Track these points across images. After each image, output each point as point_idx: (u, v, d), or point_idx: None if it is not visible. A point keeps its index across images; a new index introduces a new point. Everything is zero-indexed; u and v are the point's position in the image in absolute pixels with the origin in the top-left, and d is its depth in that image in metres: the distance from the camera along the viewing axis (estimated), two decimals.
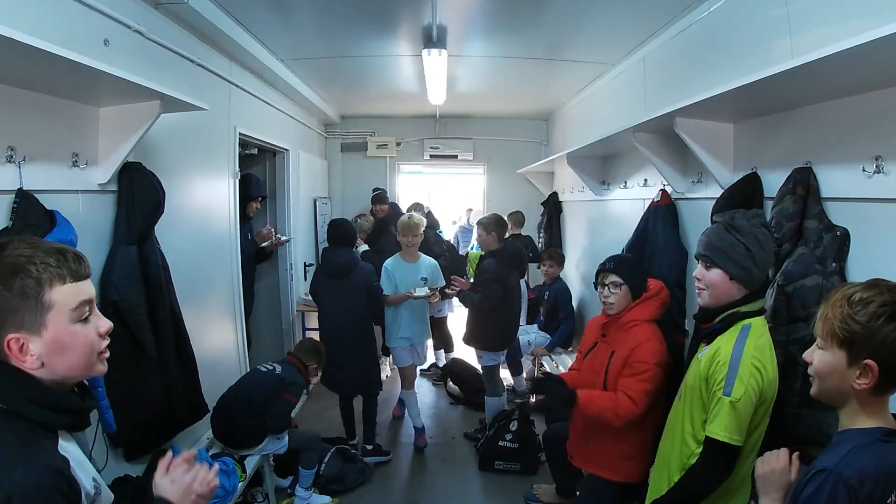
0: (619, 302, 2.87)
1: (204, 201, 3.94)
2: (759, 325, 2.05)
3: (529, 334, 5.84)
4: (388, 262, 4.73)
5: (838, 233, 2.20)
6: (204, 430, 3.76)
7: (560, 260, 5.90)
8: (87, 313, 1.27)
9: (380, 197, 6.92)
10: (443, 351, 6.79)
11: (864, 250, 2.14)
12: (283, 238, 5.58)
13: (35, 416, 1.19)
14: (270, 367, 3.79)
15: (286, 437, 3.79)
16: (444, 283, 4.78)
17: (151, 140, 2.99)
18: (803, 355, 1.50)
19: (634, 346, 2.77)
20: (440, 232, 7.14)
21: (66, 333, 1.23)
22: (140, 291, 2.77)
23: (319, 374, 4.10)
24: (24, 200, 2.16)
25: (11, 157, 2.13)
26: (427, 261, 4.85)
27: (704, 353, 2.12)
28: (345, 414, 4.87)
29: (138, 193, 2.77)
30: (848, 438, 1.36)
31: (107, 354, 1.33)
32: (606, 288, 2.90)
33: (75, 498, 1.17)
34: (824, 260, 2.22)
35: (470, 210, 11.54)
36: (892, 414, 1.40)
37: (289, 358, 3.99)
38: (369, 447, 4.69)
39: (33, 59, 1.85)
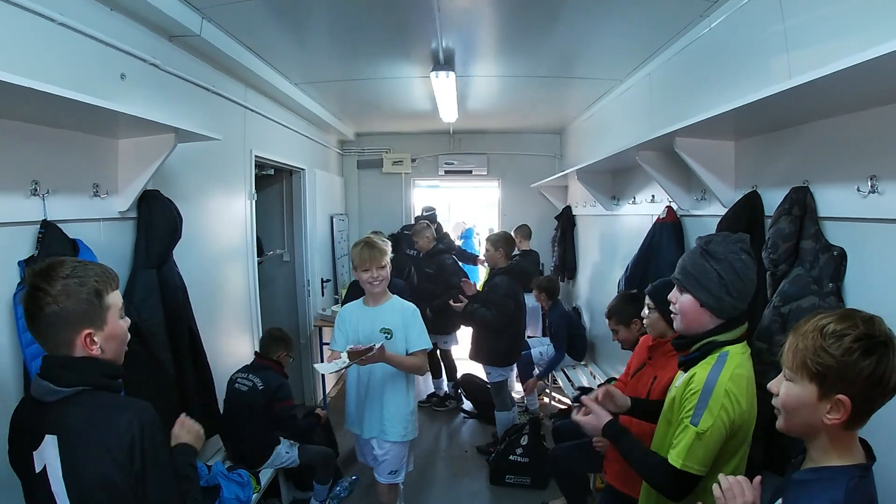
0: (652, 326, 2.78)
1: (221, 223, 4.06)
2: (737, 353, 1.95)
3: (543, 346, 5.86)
4: (347, 307, 3.43)
5: (835, 253, 2.19)
6: (220, 443, 3.88)
7: (550, 289, 5.79)
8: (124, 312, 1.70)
9: (433, 217, 7.03)
10: (443, 379, 6.46)
11: (861, 270, 2.13)
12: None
13: (111, 385, 1.64)
14: (248, 383, 3.74)
15: (295, 451, 3.86)
16: (426, 346, 3.23)
17: (169, 167, 3.11)
18: (768, 386, 1.44)
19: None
20: (470, 246, 6.91)
21: (116, 327, 1.65)
22: (159, 312, 2.88)
23: (291, 358, 4.13)
24: (49, 231, 2.28)
25: (36, 190, 2.25)
26: (397, 305, 3.29)
27: (681, 380, 2.05)
28: None
29: (156, 220, 2.89)
30: (830, 478, 1.31)
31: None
32: (646, 309, 2.85)
33: None
34: (821, 280, 2.21)
35: (464, 223, 11.73)
36: (860, 439, 1.37)
37: (259, 362, 3.90)
38: None
39: (53, 103, 1.96)
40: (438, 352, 6.11)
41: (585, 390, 2.90)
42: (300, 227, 6.02)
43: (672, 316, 2.11)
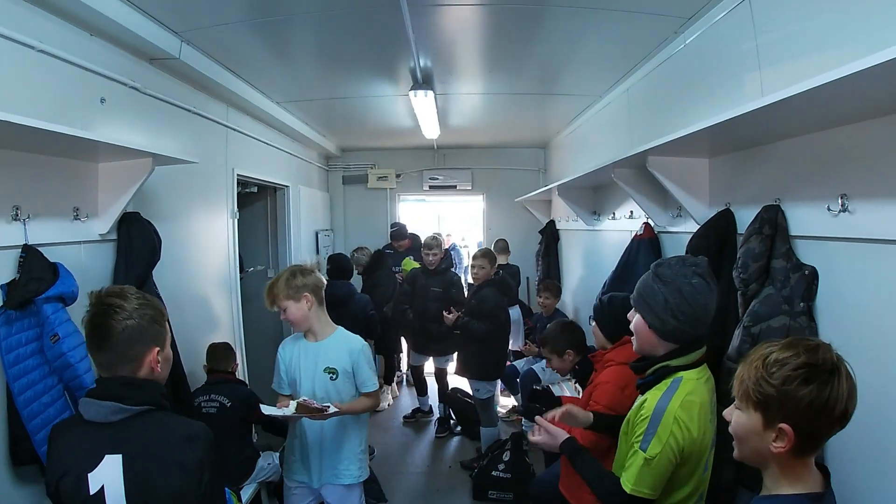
0: (596, 338, 2.88)
1: (203, 242, 4.07)
2: (691, 380, 1.93)
3: (541, 361, 5.75)
4: (286, 341, 3.05)
5: (806, 272, 2.18)
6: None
7: (556, 292, 5.84)
8: None
9: (398, 234, 7.11)
10: (428, 397, 6.36)
11: (833, 290, 2.11)
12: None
13: (167, 406, 1.70)
14: (215, 404, 3.61)
15: (276, 461, 3.83)
16: (368, 388, 2.92)
17: (150, 189, 3.13)
18: (723, 413, 1.45)
19: (597, 384, 2.70)
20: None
21: (170, 351, 1.79)
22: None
23: (237, 366, 4.07)
24: (30, 255, 2.28)
25: (17, 215, 2.26)
26: (343, 340, 2.95)
27: (636, 403, 2.04)
28: None
29: (136, 242, 2.90)
30: None
31: None
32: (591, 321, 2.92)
33: None
34: (792, 300, 2.18)
35: (449, 236, 11.80)
36: (819, 465, 1.37)
37: (216, 377, 3.76)
38: None
39: (31, 132, 1.98)
40: (434, 371, 6.04)
41: (539, 394, 2.91)
42: (284, 244, 6.02)
43: (633, 337, 2.12)
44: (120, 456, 1.56)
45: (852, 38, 1.93)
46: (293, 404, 2.65)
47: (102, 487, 1.55)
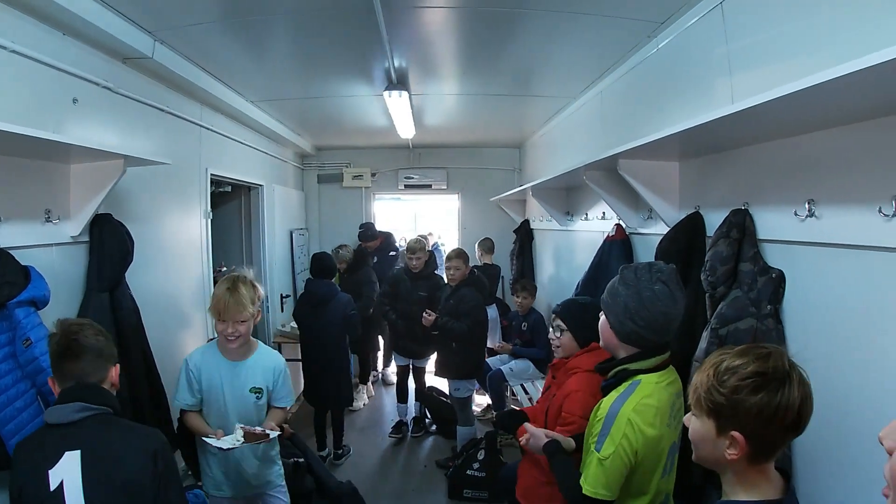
0: (565, 346, 2.72)
1: (177, 243, 4.04)
2: (649, 383, 1.96)
3: (511, 361, 5.78)
4: (194, 354, 2.85)
5: (773, 275, 2.22)
6: (178, 463, 3.82)
7: (533, 291, 5.89)
8: None
9: (365, 234, 7.03)
10: (408, 405, 6.19)
11: (800, 293, 2.15)
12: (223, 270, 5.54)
13: (120, 413, 1.90)
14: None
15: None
16: (286, 404, 2.96)
17: (123, 189, 3.11)
18: (683, 419, 1.48)
19: (567, 393, 2.56)
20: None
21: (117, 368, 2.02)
22: (112, 336, 2.84)
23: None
24: (1, 258, 2.26)
25: None
26: (266, 359, 2.89)
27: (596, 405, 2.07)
28: (318, 425, 5.28)
29: (108, 244, 2.88)
30: None
31: None
32: (553, 330, 2.78)
33: None
34: (759, 303, 2.23)
35: (430, 235, 11.83)
36: (779, 469, 1.38)
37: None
38: (339, 451, 5.18)
39: (2, 136, 1.97)
40: (412, 370, 5.99)
41: (503, 418, 2.91)
42: (258, 243, 5.99)
43: None
44: (78, 452, 1.72)
45: (822, 46, 1.97)
46: (238, 432, 2.60)
47: (61, 482, 1.68)
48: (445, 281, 5.26)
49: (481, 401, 6.30)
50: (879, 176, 1.72)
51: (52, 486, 1.68)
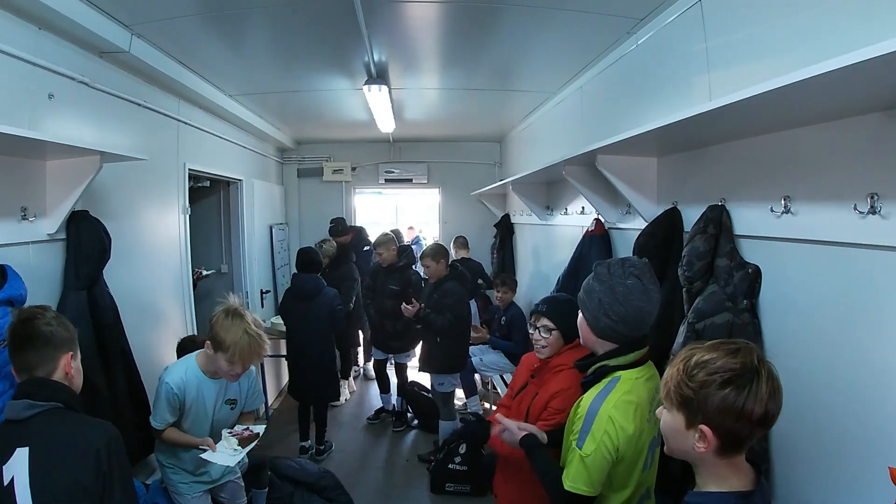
0: (552, 346, 2.61)
1: (154, 239, 4.00)
2: (629, 379, 1.97)
3: (483, 353, 5.84)
4: (174, 376, 2.76)
5: (750, 270, 2.25)
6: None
7: (513, 285, 5.87)
8: None
9: (336, 230, 6.94)
10: (391, 394, 6.24)
11: (776, 288, 2.19)
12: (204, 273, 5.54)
13: (77, 409, 1.88)
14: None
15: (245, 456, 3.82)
16: (257, 405, 3.17)
17: (100, 186, 3.08)
18: (656, 412, 1.50)
19: (556, 391, 2.50)
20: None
21: (79, 362, 2.01)
22: (90, 335, 2.84)
23: None
24: None
25: None
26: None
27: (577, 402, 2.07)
28: (302, 418, 5.30)
29: (85, 241, 2.85)
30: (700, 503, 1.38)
31: None
32: (538, 331, 2.63)
33: None
34: (735, 297, 2.25)
35: (411, 229, 11.83)
36: (751, 461, 1.41)
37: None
38: (321, 447, 5.20)
39: None
40: (394, 366, 6.10)
41: (469, 428, 2.91)
42: (238, 238, 5.96)
43: None
44: (27, 448, 1.73)
45: (799, 45, 1.99)
46: (231, 440, 2.73)
47: (13, 479, 1.69)
48: (422, 275, 5.31)
49: (463, 395, 6.32)
50: (855, 173, 1.75)
51: (6, 481, 1.69)
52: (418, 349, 5.54)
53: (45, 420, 1.78)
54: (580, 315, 2.12)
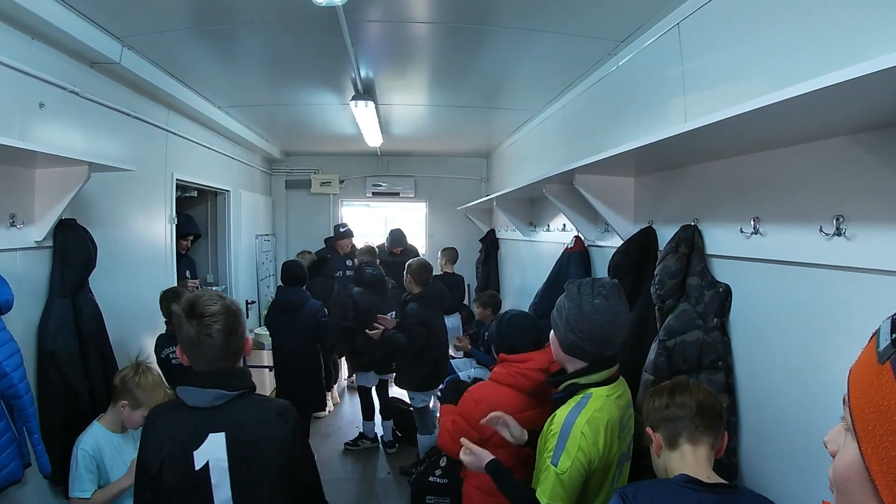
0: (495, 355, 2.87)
1: (141, 248, 4.03)
2: (600, 396, 2.01)
3: (469, 369, 5.73)
4: (86, 443, 2.63)
5: (720, 289, 2.30)
6: None
7: (492, 303, 5.83)
8: None
9: (341, 234, 7.08)
10: (375, 422, 5.99)
11: (745, 306, 2.24)
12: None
13: (254, 387, 1.93)
14: None
15: None
16: None
17: (87, 194, 3.12)
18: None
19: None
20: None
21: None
22: (74, 341, 2.86)
23: None
24: None
25: None
26: None
27: (549, 418, 2.10)
28: None
29: (71, 250, 2.89)
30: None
31: None
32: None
33: None
34: (706, 316, 2.30)
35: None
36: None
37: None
38: None
39: None
40: (375, 388, 5.93)
41: (451, 389, 2.97)
42: (224, 249, 5.99)
43: None
44: (223, 434, 1.78)
45: (772, 69, 2.04)
46: None
47: (207, 463, 1.76)
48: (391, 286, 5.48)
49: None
50: (821, 196, 1.80)
51: (198, 466, 1.76)
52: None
53: (237, 406, 1.83)
54: (552, 333, 2.17)
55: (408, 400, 5.40)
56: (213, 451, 1.77)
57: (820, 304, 1.86)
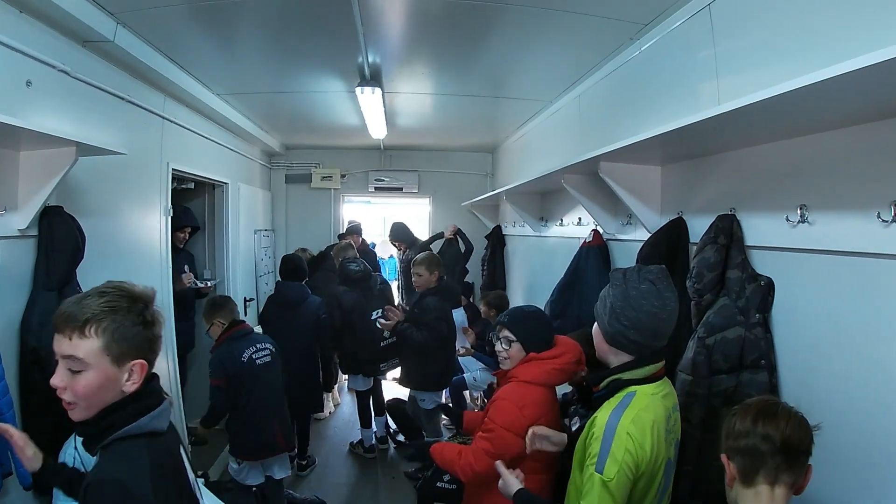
0: (514, 358, 2.64)
1: (134, 241, 3.85)
2: (645, 395, 1.86)
3: (476, 370, 5.64)
4: (69, 452, 2.40)
5: (762, 282, 2.17)
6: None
7: (497, 305, 5.54)
8: None
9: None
10: (372, 429, 5.76)
11: (789, 301, 2.11)
12: (207, 284, 5.44)
13: None
14: (267, 353, 4.05)
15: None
16: None
17: (76, 181, 2.94)
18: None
19: (494, 400, 2.60)
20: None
21: None
22: None
23: None
24: None
25: None
26: None
27: (587, 422, 1.94)
28: None
29: (57, 239, 2.69)
30: None
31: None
32: (500, 342, 2.69)
33: None
34: (747, 311, 2.18)
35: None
36: None
37: (242, 328, 4.08)
38: (303, 462, 5.06)
39: None
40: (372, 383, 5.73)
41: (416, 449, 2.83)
42: (222, 244, 5.80)
43: None
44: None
45: (814, 49, 1.93)
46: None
47: None
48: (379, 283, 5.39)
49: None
50: (877, 180, 1.69)
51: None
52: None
53: None
54: (595, 325, 2.02)
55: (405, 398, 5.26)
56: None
57: (876, 296, 1.73)
